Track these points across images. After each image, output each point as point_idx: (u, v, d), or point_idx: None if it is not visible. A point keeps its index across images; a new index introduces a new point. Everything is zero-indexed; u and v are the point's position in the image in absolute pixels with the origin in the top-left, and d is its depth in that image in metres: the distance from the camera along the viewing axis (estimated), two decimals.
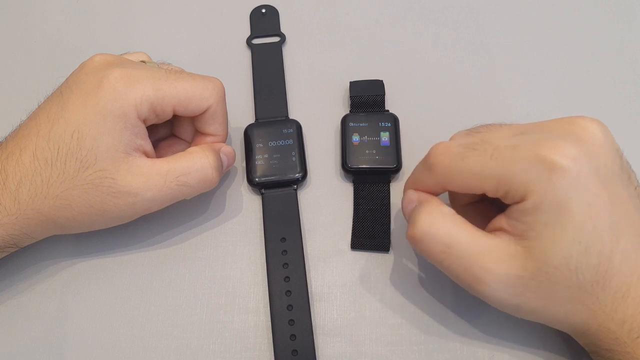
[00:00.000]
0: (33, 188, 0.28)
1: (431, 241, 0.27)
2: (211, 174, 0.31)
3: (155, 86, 0.30)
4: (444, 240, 0.26)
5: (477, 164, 0.26)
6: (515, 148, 0.25)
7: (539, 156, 0.24)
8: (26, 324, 0.32)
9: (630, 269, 0.25)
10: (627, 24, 0.42)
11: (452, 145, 0.27)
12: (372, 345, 0.31)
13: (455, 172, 0.27)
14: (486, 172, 0.26)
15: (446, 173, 0.27)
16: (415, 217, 0.27)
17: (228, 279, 0.34)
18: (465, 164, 0.26)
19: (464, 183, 0.27)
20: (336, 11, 0.44)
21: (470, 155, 0.26)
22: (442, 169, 0.27)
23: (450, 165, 0.27)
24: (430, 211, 0.27)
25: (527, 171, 0.25)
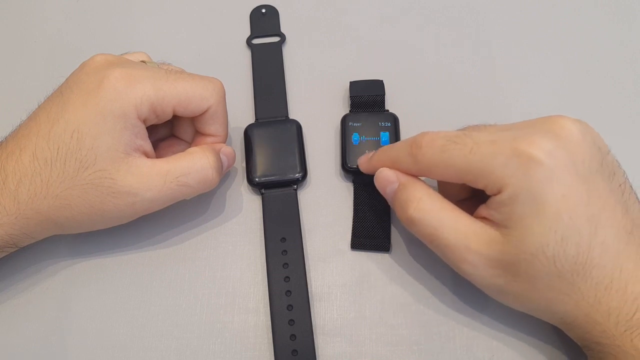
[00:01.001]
0: (32, 188, 0.28)
1: (422, 225, 0.28)
2: (211, 175, 0.31)
3: (155, 86, 0.30)
4: (433, 224, 0.28)
5: (457, 158, 0.27)
6: (493, 143, 0.26)
7: (516, 150, 0.25)
8: (26, 324, 0.32)
9: (611, 261, 0.25)
10: (627, 24, 0.42)
11: (436, 138, 0.28)
12: (372, 345, 0.31)
13: (437, 164, 0.28)
14: (465, 166, 0.27)
15: (428, 164, 0.28)
16: (406, 202, 0.29)
17: (228, 279, 0.34)
18: (447, 157, 0.27)
19: (445, 174, 0.28)
20: (336, 11, 0.44)
21: (452, 149, 0.27)
22: (425, 160, 0.28)
23: (432, 157, 0.28)
24: (420, 197, 0.29)
25: (503, 165, 0.26)
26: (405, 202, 0.29)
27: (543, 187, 0.25)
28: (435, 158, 0.28)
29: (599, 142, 0.27)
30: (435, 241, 0.28)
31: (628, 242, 0.25)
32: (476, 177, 0.27)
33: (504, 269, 0.26)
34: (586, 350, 0.28)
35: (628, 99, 0.39)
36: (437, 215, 0.28)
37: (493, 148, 0.26)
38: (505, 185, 0.26)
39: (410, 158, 0.29)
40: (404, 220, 0.30)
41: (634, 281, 0.25)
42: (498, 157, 0.26)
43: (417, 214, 0.28)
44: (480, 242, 0.27)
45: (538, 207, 0.25)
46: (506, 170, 0.25)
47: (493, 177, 0.26)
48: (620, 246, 0.25)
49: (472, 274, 0.28)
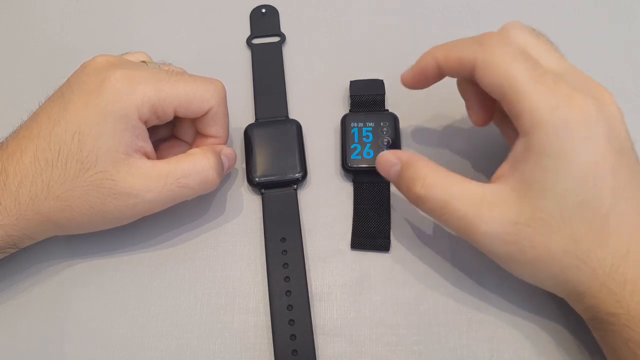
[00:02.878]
0: (33, 189, 0.28)
1: (431, 201, 0.28)
2: (212, 176, 0.31)
3: (156, 87, 0.30)
4: (442, 197, 0.27)
5: (522, 72, 0.26)
6: (555, 85, 0.26)
7: (569, 99, 0.25)
8: (26, 324, 0.32)
9: (629, 233, 0.25)
10: (627, 24, 0.42)
11: (513, 43, 0.27)
12: (372, 345, 0.31)
13: (498, 65, 0.26)
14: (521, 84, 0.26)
15: (490, 61, 0.27)
16: (412, 181, 0.29)
17: (228, 279, 0.34)
18: (513, 65, 0.26)
19: (495, 74, 0.27)
20: (336, 11, 0.44)
21: (520, 63, 0.26)
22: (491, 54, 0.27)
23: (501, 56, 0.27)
24: (426, 174, 0.28)
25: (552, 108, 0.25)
26: (411, 181, 0.29)
27: (578, 147, 0.25)
28: (501, 58, 0.27)
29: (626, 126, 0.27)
30: (446, 215, 0.28)
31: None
32: (520, 99, 0.26)
33: (518, 234, 0.26)
34: (595, 323, 0.27)
35: (628, 99, 0.39)
36: (445, 188, 0.28)
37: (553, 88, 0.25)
38: (536, 129, 0.25)
39: (474, 43, 0.28)
40: (412, 200, 0.29)
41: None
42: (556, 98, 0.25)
43: (424, 190, 0.28)
44: (493, 207, 0.26)
45: (566, 164, 0.25)
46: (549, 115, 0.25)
47: (533, 111, 0.25)
48: (638, 220, 0.25)
49: (486, 244, 0.27)
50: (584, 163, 0.25)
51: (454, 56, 0.29)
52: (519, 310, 0.32)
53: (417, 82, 0.32)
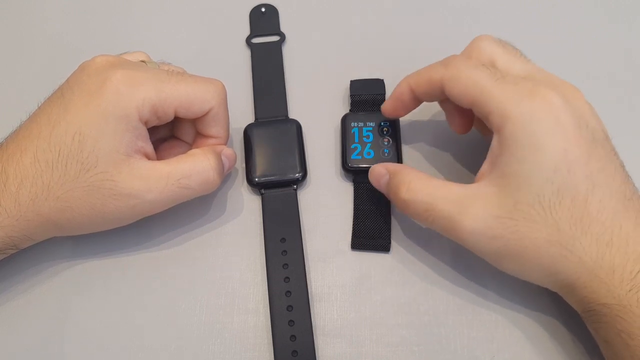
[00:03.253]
0: (34, 190, 0.28)
1: (415, 204, 0.29)
2: (212, 177, 0.31)
3: (157, 88, 0.30)
4: (425, 200, 0.29)
5: (484, 78, 0.28)
6: (517, 83, 0.27)
7: (531, 92, 0.27)
8: (26, 325, 0.32)
9: (610, 219, 0.26)
10: (627, 24, 0.42)
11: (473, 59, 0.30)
12: (372, 345, 0.31)
13: (462, 76, 0.29)
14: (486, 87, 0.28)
15: (455, 74, 0.29)
16: (397, 186, 0.30)
17: (228, 280, 0.34)
18: (475, 73, 0.28)
19: (462, 87, 0.29)
20: (336, 10, 0.44)
21: (481, 71, 0.28)
22: (456, 69, 0.29)
23: (463, 70, 0.29)
24: (410, 180, 0.30)
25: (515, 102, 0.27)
26: (396, 187, 0.30)
27: (547, 136, 0.26)
28: (463, 71, 0.29)
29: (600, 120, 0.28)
30: (431, 217, 0.29)
31: (627, 207, 0.26)
32: (488, 101, 0.27)
33: (502, 228, 0.26)
34: (589, 316, 0.27)
35: (628, 99, 0.39)
36: (427, 191, 0.29)
37: (515, 86, 0.27)
38: (508, 122, 0.26)
39: (441, 66, 0.30)
40: (399, 206, 0.30)
41: (635, 241, 0.25)
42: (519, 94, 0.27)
43: (408, 195, 0.29)
44: (475, 204, 0.27)
45: (537, 154, 0.26)
46: (515, 108, 0.26)
47: (500, 109, 0.27)
48: (619, 207, 0.26)
49: (472, 241, 0.28)
50: (555, 151, 0.26)
51: (424, 79, 0.31)
52: (520, 311, 0.32)
53: (396, 110, 0.34)
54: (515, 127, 0.26)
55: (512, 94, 0.27)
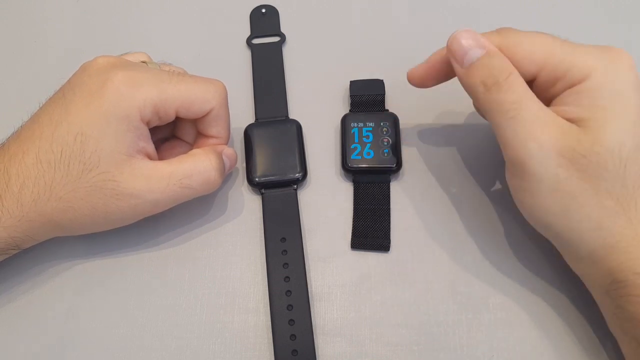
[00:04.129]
0: (36, 190, 0.28)
1: (510, 90, 0.27)
2: (214, 177, 0.31)
3: (158, 89, 0.30)
4: (520, 91, 0.27)
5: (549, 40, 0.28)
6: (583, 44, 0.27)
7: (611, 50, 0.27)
8: (26, 325, 0.33)
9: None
10: (627, 24, 0.42)
11: None
12: (372, 345, 0.31)
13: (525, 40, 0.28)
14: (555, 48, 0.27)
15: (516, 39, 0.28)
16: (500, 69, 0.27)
17: (228, 279, 0.34)
18: (538, 36, 0.28)
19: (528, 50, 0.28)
20: (336, 11, 0.44)
21: (545, 35, 0.28)
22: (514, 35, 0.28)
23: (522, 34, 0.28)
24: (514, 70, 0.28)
25: (595, 56, 0.27)
26: (496, 69, 0.28)
27: (629, 89, 0.26)
28: (524, 36, 0.28)
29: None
30: (514, 111, 0.27)
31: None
32: (562, 60, 0.27)
33: (572, 161, 0.26)
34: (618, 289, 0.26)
35: None
36: (525, 88, 0.27)
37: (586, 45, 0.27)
38: (591, 73, 0.26)
39: (496, 34, 0.29)
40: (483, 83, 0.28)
41: None
42: (591, 48, 0.27)
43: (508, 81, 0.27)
44: (558, 126, 0.26)
45: (621, 105, 0.26)
46: (597, 61, 0.26)
47: (580, 62, 0.26)
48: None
49: (535, 156, 0.26)
50: (636, 107, 0.26)
51: None
52: (520, 311, 0.32)
53: (427, 77, 0.32)
54: (600, 77, 0.26)
55: (589, 50, 0.27)
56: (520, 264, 0.33)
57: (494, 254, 0.33)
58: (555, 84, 0.27)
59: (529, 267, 0.33)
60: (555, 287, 0.32)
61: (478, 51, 0.28)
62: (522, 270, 0.33)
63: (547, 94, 0.28)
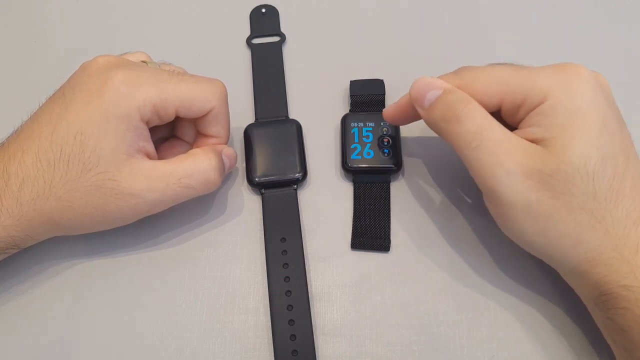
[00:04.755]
0: (35, 190, 0.28)
1: (469, 122, 0.28)
2: (214, 176, 0.31)
3: (158, 88, 0.30)
4: (480, 122, 0.27)
5: (503, 71, 0.28)
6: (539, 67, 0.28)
7: (564, 68, 0.27)
8: (26, 325, 0.33)
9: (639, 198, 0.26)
10: (627, 24, 0.42)
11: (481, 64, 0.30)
12: (372, 345, 0.31)
13: (481, 76, 0.29)
14: (510, 78, 0.28)
15: (472, 76, 0.29)
16: (455, 103, 0.28)
17: (228, 279, 0.34)
18: (493, 70, 0.29)
19: (485, 85, 0.28)
20: (336, 11, 0.44)
21: (499, 66, 0.29)
22: (470, 72, 0.29)
23: (478, 70, 0.29)
24: (470, 100, 0.28)
25: (550, 77, 0.27)
26: (453, 103, 0.28)
27: (587, 105, 0.26)
28: (479, 72, 0.29)
29: None
30: (477, 142, 0.27)
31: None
32: (519, 87, 0.27)
33: (540, 182, 0.26)
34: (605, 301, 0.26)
35: (628, 99, 0.39)
36: (485, 115, 0.28)
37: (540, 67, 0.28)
38: (549, 94, 0.27)
39: (454, 76, 0.30)
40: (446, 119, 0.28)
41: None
42: (545, 70, 0.27)
43: (465, 112, 0.28)
44: (522, 150, 0.27)
45: (580, 121, 0.26)
46: (552, 81, 0.27)
47: (538, 86, 0.27)
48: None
49: (504, 183, 0.27)
50: (596, 118, 0.26)
51: None
52: (520, 311, 0.32)
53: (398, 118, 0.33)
54: (557, 97, 0.26)
55: (543, 72, 0.27)
56: (521, 264, 0.33)
57: (494, 254, 0.33)
58: (518, 110, 0.28)
59: (529, 267, 0.33)
60: (555, 287, 0.32)
61: (435, 92, 0.29)
62: (522, 270, 0.33)
63: (514, 120, 0.29)
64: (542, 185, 0.26)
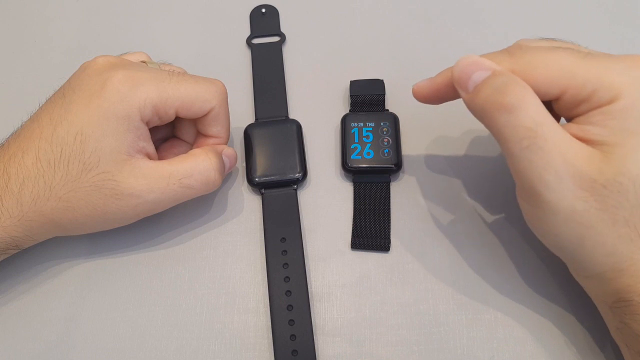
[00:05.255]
0: (36, 190, 0.28)
1: (523, 115, 0.24)
2: (214, 176, 0.31)
3: (158, 88, 0.30)
4: (536, 117, 0.24)
5: (568, 59, 0.25)
6: (611, 56, 0.25)
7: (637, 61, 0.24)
8: (26, 325, 0.32)
9: None
10: (627, 24, 0.42)
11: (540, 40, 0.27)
12: (372, 345, 0.31)
13: (541, 62, 0.25)
14: (575, 68, 0.25)
15: (530, 61, 0.25)
16: (506, 86, 0.25)
17: (228, 279, 0.34)
18: (555, 56, 0.25)
19: (546, 75, 0.25)
20: (336, 11, 0.44)
21: (562, 51, 0.25)
22: (528, 55, 0.26)
23: (537, 54, 0.26)
24: (524, 85, 0.25)
25: (623, 73, 0.24)
26: (502, 87, 0.25)
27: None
28: (539, 56, 0.25)
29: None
30: (528, 140, 0.24)
31: None
32: (587, 81, 0.24)
33: (591, 192, 0.24)
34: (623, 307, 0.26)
35: None
36: (542, 109, 0.24)
37: (612, 58, 0.25)
38: (621, 94, 0.24)
39: (506, 56, 0.26)
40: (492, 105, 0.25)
41: None
42: (618, 64, 0.24)
43: (518, 101, 0.24)
44: (578, 155, 0.24)
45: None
46: (626, 79, 0.24)
47: (608, 82, 0.24)
48: None
49: (553, 189, 0.24)
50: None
51: None
52: (520, 311, 0.32)
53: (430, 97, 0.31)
54: (632, 98, 0.24)
55: (615, 66, 0.24)
56: (521, 264, 0.33)
57: (494, 254, 0.33)
58: (579, 105, 0.25)
59: (529, 267, 0.33)
60: (556, 287, 0.32)
61: (483, 73, 0.26)
62: (522, 270, 0.33)
63: (570, 113, 0.26)
64: (592, 196, 0.24)
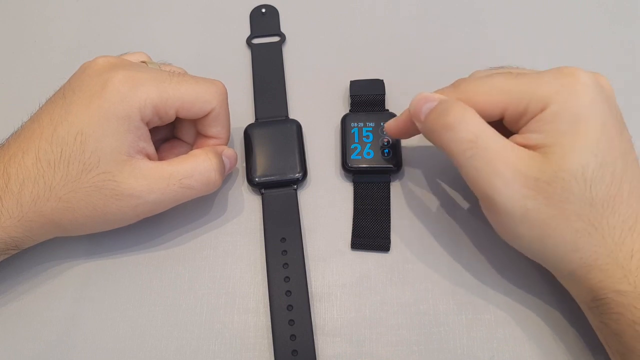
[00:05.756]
0: (36, 190, 0.28)
1: (463, 130, 0.27)
2: (214, 177, 0.31)
3: (159, 89, 0.30)
4: (474, 130, 0.27)
5: (503, 81, 0.28)
6: (539, 72, 0.28)
7: (563, 73, 0.27)
8: (26, 326, 0.33)
9: (636, 203, 0.26)
10: (627, 24, 0.42)
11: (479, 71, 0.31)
12: (372, 345, 0.31)
13: (480, 88, 0.28)
14: (510, 87, 0.28)
15: (472, 89, 0.29)
16: (447, 110, 0.28)
17: (228, 279, 0.34)
18: (492, 80, 0.28)
19: (486, 98, 0.28)
20: (336, 11, 0.44)
21: (498, 75, 0.29)
22: (470, 85, 0.29)
23: (477, 82, 0.29)
24: (464, 107, 0.28)
25: (550, 83, 0.27)
26: (445, 110, 0.28)
27: (586, 110, 0.26)
28: (479, 83, 0.29)
29: None
30: (470, 150, 0.27)
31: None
32: (521, 96, 0.27)
33: (537, 190, 0.26)
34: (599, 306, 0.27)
35: (628, 99, 0.39)
36: (480, 123, 0.27)
37: (539, 74, 0.28)
38: (550, 102, 0.26)
39: (452, 89, 0.29)
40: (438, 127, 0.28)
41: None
42: (545, 77, 0.27)
43: (457, 119, 0.27)
44: (519, 158, 0.26)
45: (580, 127, 0.26)
46: (552, 88, 0.27)
47: (539, 94, 0.27)
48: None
49: (501, 191, 0.26)
50: (596, 124, 0.26)
51: None
52: (520, 311, 0.32)
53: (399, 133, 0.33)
54: (558, 103, 0.26)
55: (544, 79, 0.27)
56: (521, 265, 0.33)
57: (495, 254, 0.33)
58: (520, 118, 0.28)
59: (529, 268, 0.33)
60: (556, 287, 0.32)
61: (431, 104, 0.29)
62: (522, 270, 0.33)
63: (517, 127, 0.28)
64: (539, 193, 0.26)
